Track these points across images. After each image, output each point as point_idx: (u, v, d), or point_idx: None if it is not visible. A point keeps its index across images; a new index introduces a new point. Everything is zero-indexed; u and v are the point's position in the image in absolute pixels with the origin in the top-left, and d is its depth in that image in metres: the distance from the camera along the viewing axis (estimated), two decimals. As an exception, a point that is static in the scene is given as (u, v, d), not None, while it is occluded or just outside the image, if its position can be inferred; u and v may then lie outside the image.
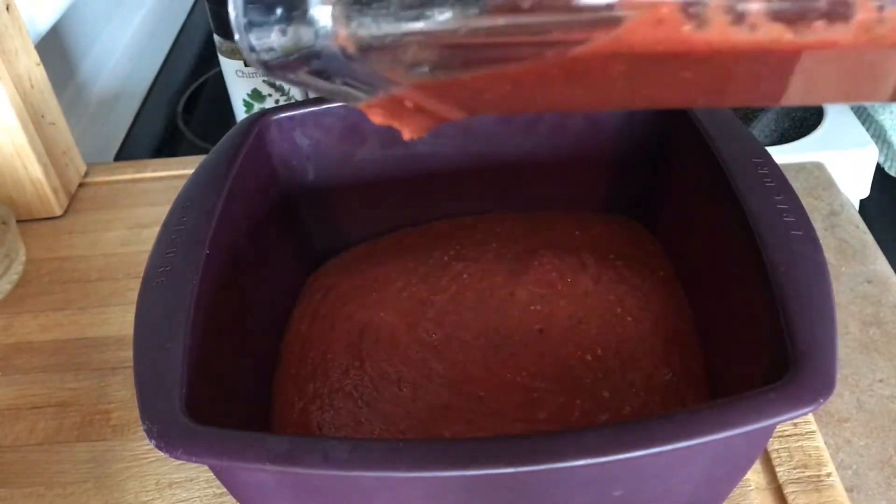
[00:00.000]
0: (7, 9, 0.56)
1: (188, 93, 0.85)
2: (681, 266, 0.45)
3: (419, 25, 0.26)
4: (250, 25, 0.27)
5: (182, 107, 0.82)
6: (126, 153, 0.77)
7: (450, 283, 0.46)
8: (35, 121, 0.59)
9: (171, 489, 0.42)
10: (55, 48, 0.72)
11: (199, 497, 0.42)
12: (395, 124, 0.32)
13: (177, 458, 0.29)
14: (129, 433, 0.46)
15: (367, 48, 0.27)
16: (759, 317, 0.34)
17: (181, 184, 0.40)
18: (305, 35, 0.26)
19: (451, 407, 0.40)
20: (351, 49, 0.26)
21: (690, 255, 0.44)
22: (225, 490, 0.36)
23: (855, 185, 0.69)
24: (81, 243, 0.59)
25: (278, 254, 0.46)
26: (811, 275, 0.33)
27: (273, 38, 0.27)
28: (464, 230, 0.49)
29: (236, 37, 0.27)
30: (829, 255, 0.54)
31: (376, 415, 0.40)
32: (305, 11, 0.26)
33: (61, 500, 0.43)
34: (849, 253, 0.55)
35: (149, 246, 0.37)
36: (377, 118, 0.31)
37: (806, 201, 0.36)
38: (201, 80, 0.86)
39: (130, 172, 0.65)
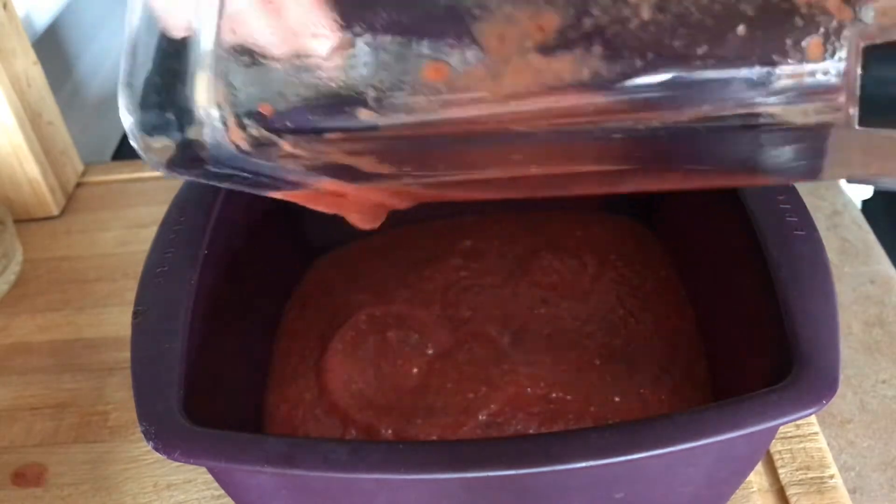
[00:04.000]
0: (4, 7, 0.56)
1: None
2: (682, 266, 0.45)
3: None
4: (142, 127, 0.27)
5: (180, 106, 0.82)
6: (124, 152, 0.77)
7: (446, 277, 0.46)
8: (32, 120, 0.58)
9: (170, 491, 0.42)
10: (52, 47, 0.72)
11: (197, 499, 0.42)
12: (339, 212, 0.32)
13: (175, 459, 0.29)
14: (127, 434, 0.45)
15: (260, 143, 0.27)
16: (761, 317, 0.34)
17: (179, 183, 0.40)
18: (196, 132, 0.26)
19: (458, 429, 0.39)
20: (244, 144, 0.26)
21: (692, 255, 0.44)
22: (223, 492, 0.36)
23: (858, 185, 0.69)
24: (79, 243, 0.59)
25: (277, 251, 0.46)
26: (813, 275, 0.32)
27: (166, 138, 0.27)
28: (463, 229, 0.49)
29: (132, 140, 0.27)
30: (832, 256, 0.54)
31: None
32: (192, 108, 0.26)
33: (59, 501, 0.42)
34: (851, 253, 0.54)
35: (147, 246, 0.37)
36: (319, 208, 0.32)
37: (808, 201, 0.36)
38: (200, 79, 0.86)
39: (128, 172, 0.65)
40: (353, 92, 0.25)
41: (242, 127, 0.26)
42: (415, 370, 0.41)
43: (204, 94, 0.25)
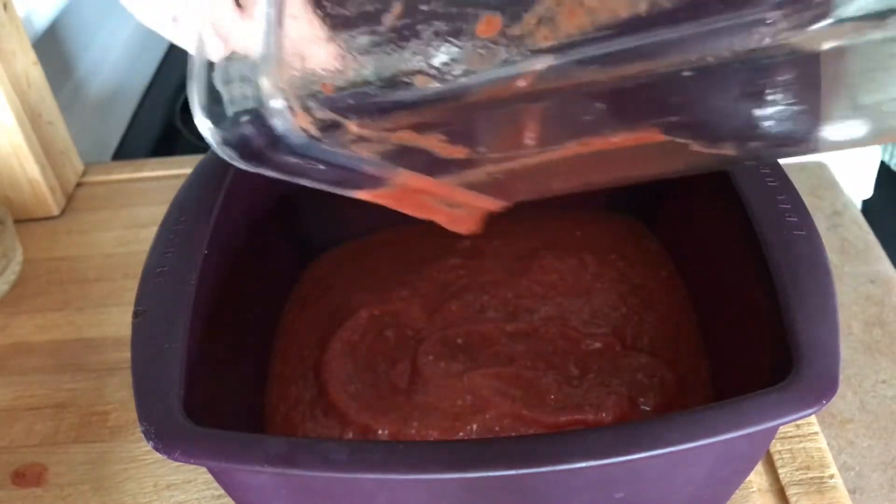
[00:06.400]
0: (4, 7, 0.56)
1: (186, 92, 0.84)
2: (682, 266, 0.45)
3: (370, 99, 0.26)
4: (213, 120, 0.27)
5: (180, 106, 0.82)
6: (124, 152, 0.77)
7: (445, 276, 0.45)
8: (32, 120, 0.58)
9: (169, 491, 0.42)
10: (52, 47, 0.71)
11: (196, 499, 0.42)
12: (429, 217, 0.32)
13: (175, 459, 0.29)
14: (127, 434, 0.45)
15: (327, 126, 0.26)
16: (761, 317, 0.34)
17: (179, 183, 0.40)
18: (265, 121, 0.26)
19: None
20: (312, 129, 0.26)
21: (692, 254, 0.44)
22: (223, 492, 0.36)
23: (858, 185, 0.69)
24: (79, 243, 0.59)
25: (276, 251, 0.46)
26: (813, 275, 0.32)
27: (238, 129, 0.27)
28: (463, 229, 0.49)
29: (207, 138, 0.27)
30: (832, 256, 0.54)
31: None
32: (258, 98, 0.26)
33: (59, 501, 0.42)
34: (851, 253, 0.54)
35: (147, 246, 0.37)
36: (407, 210, 0.31)
37: (808, 201, 0.36)
38: (200, 79, 0.86)
39: (128, 172, 0.65)
40: (408, 60, 0.25)
41: (307, 110, 0.26)
42: (413, 371, 0.41)
43: (267, 82, 0.25)
